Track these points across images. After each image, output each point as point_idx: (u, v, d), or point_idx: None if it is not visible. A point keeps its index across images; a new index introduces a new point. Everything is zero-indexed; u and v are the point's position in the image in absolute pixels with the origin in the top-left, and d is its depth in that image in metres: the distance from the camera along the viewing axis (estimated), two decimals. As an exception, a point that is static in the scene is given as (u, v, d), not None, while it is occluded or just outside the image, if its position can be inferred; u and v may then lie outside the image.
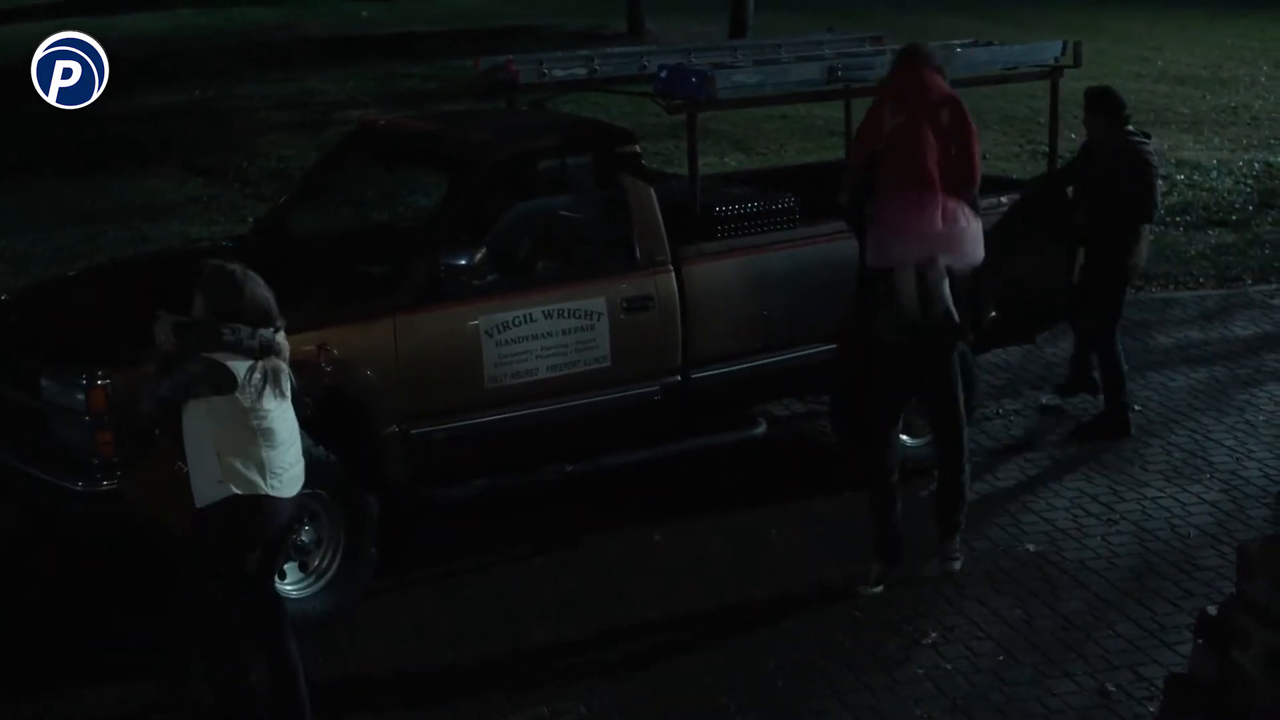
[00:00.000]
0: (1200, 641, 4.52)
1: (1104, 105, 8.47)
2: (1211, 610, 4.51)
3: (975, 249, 6.61)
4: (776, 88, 7.90)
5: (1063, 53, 8.46)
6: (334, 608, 6.47)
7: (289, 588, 6.40)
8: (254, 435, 5.26)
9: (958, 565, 6.96)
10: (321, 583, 6.50)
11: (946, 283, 6.53)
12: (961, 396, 6.92)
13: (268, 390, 5.26)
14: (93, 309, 6.98)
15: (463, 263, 7.00)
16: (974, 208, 6.66)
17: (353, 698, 5.99)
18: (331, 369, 6.05)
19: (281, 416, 5.36)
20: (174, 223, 12.99)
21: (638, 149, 7.38)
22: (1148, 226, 8.65)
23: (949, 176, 6.49)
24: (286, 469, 5.39)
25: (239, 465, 5.26)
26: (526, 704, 5.95)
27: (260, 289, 5.37)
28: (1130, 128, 8.51)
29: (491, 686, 6.10)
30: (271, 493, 5.32)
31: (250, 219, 12.03)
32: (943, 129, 6.44)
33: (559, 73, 8.33)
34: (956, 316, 6.59)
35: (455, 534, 7.30)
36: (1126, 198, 8.32)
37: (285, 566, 6.40)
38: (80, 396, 6.06)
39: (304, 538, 6.43)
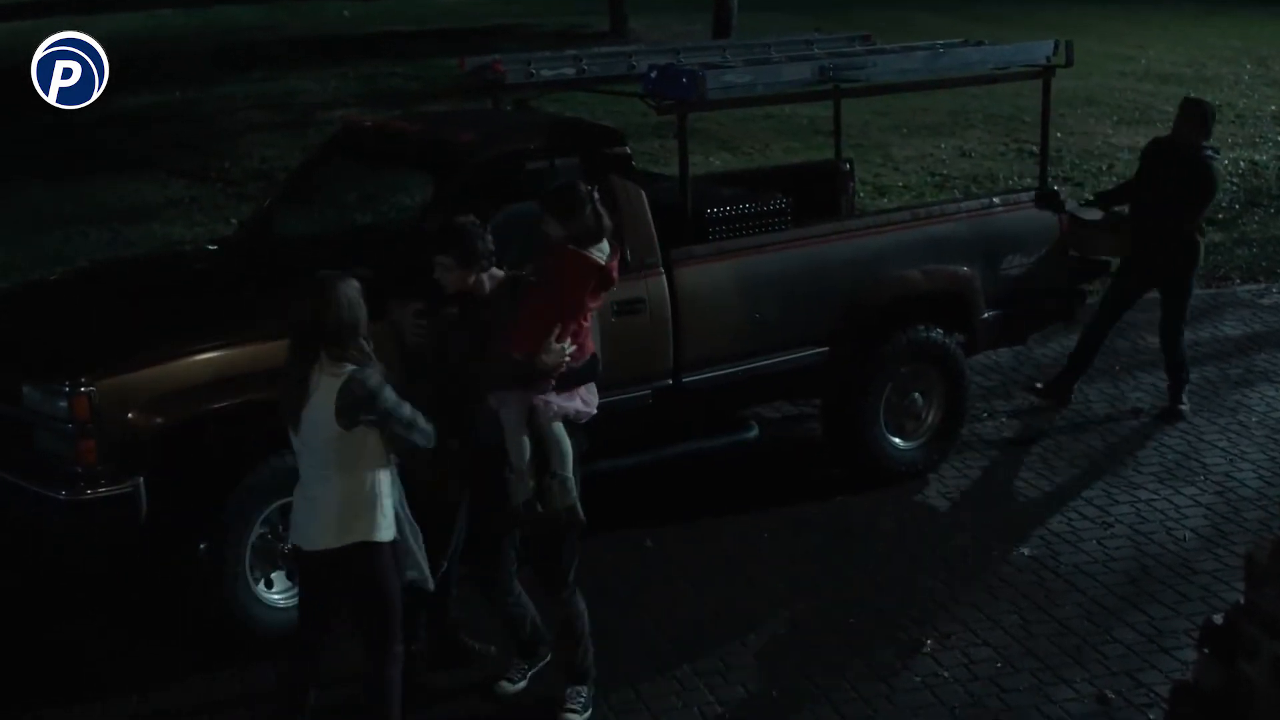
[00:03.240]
0: (1205, 651, 4.45)
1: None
2: (1217, 619, 4.43)
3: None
4: (768, 88, 7.80)
5: (1054, 52, 8.41)
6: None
7: (277, 596, 6.32)
8: None
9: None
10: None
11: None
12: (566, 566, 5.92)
13: None
14: (74, 314, 6.87)
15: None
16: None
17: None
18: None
19: None
20: (156, 225, 12.85)
21: (628, 150, 7.29)
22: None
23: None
24: None
25: None
26: (513, 709, 5.92)
27: None
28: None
29: (479, 693, 6.03)
30: None
31: (233, 220, 11.95)
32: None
33: (547, 73, 8.22)
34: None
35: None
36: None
37: (273, 575, 6.32)
38: (63, 404, 5.95)
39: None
